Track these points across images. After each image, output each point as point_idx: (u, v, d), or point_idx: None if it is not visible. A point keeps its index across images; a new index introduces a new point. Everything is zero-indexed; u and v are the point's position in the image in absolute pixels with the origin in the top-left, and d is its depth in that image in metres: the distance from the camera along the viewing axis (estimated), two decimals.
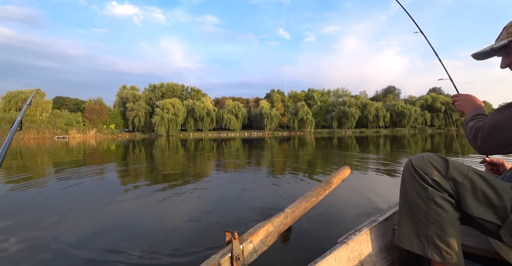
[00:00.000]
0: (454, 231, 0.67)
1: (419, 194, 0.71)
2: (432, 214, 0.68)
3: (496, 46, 0.74)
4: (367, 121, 55.39)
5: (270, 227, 0.63)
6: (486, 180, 0.65)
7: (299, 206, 0.76)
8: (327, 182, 1.01)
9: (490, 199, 0.64)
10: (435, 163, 0.70)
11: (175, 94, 56.51)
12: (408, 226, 0.74)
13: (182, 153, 7.94)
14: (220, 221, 1.77)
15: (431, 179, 0.69)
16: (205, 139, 23.20)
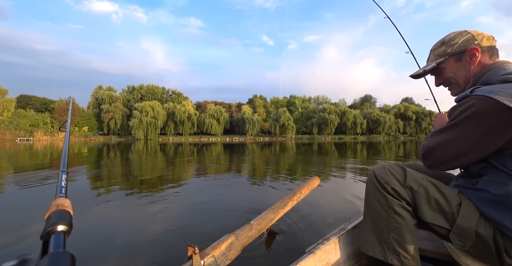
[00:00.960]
0: (411, 237, 0.72)
1: (380, 202, 0.76)
2: (391, 222, 0.73)
3: (427, 69, 0.85)
4: (346, 128, 57.62)
5: (234, 240, 0.61)
6: (437, 188, 0.71)
7: (265, 217, 0.75)
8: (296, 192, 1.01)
9: (441, 205, 0.69)
10: (394, 172, 0.75)
11: (155, 96, 54.85)
12: (371, 233, 0.78)
13: (161, 158, 7.64)
14: (186, 233, 1.66)
15: (391, 188, 0.74)
16: (185, 143, 22.63)
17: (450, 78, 0.84)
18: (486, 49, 0.78)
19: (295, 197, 0.98)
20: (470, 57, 0.78)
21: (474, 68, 0.79)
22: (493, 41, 0.80)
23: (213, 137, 50.92)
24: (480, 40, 0.78)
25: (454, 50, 0.81)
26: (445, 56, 0.82)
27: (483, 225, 0.65)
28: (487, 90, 0.62)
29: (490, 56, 0.78)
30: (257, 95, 67.65)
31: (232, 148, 13.72)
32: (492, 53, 0.78)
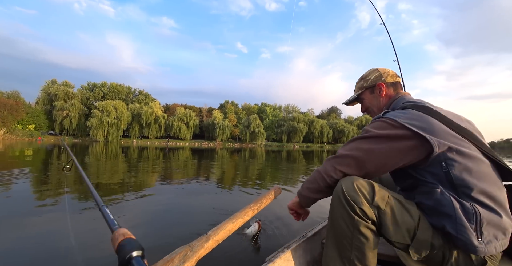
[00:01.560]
0: (372, 254, 0.74)
1: (345, 221, 0.74)
2: (355, 241, 0.73)
3: (351, 99, 1.07)
4: (313, 137, 60.35)
5: (188, 252, 0.58)
6: (402, 204, 0.73)
7: (224, 228, 0.72)
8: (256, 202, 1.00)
9: (405, 222, 0.71)
10: (363, 190, 0.73)
11: (120, 96, 51.31)
12: (334, 249, 0.78)
13: (122, 162, 7.08)
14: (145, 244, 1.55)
15: (359, 208, 0.71)
16: (150, 147, 21.37)
17: (368, 107, 1.03)
18: (390, 84, 0.97)
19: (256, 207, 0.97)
20: (379, 90, 0.97)
21: (383, 99, 0.98)
22: (396, 77, 0.99)
23: (181, 141, 49.07)
24: (386, 77, 0.98)
25: (368, 85, 1.00)
26: (363, 89, 1.02)
27: (437, 236, 0.70)
28: (393, 114, 0.77)
29: (394, 89, 0.97)
30: (229, 101, 67.57)
31: (201, 154, 13.35)
32: (396, 87, 0.98)
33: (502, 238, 0.65)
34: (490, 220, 0.65)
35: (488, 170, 0.69)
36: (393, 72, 1.00)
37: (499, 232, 0.65)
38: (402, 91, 0.98)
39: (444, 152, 0.69)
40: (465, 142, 0.70)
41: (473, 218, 0.64)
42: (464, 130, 0.72)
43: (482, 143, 0.72)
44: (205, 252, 0.64)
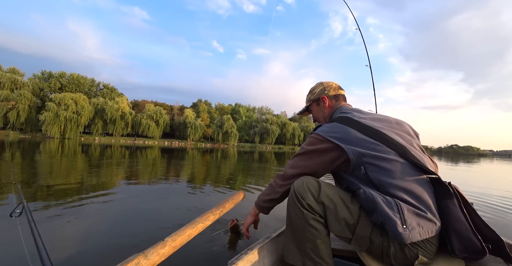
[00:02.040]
0: (324, 245, 0.82)
1: (297, 215, 0.84)
2: (307, 233, 0.82)
3: (301, 110, 1.23)
4: (285, 139, 61.74)
5: (142, 260, 0.55)
6: (344, 203, 0.83)
7: (182, 233, 0.72)
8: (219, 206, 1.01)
9: (346, 219, 0.80)
10: (311, 187, 0.84)
11: (81, 88, 46.92)
12: (292, 243, 0.86)
13: (81, 161, 6.47)
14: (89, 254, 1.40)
15: (306, 203, 0.82)
16: (115, 145, 19.86)
17: (316, 117, 1.18)
18: (332, 97, 1.10)
19: (218, 211, 0.97)
20: (323, 103, 1.11)
21: (326, 110, 1.11)
22: (338, 90, 1.11)
23: (150, 140, 46.54)
24: (328, 90, 1.10)
25: (314, 97, 1.14)
26: (310, 101, 1.16)
27: (376, 232, 0.79)
28: (320, 129, 0.92)
29: (335, 101, 1.10)
30: (202, 100, 66.08)
31: (171, 153, 12.82)
32: (337, 99, 1.10)
33: (425, 225, 0.73)
34: (411, 210, 0.74)
35: (403, 168, 0.79)
36: (335, 85, 1.13)
37: (421, 220, 0.73)
38: (344, 102, 1.10)
39: (360, 157, 0.81)
40: (380, 146, 0.81)
41: (396, 209, 0.73)
42: (381, 136, 0.83)
43: (399, 145, 0.82)
44: (161, 259, 0.62)
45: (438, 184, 0.81)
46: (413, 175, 0.79)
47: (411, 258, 0.75)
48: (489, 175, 8.19)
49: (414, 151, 0.83)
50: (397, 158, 0.80)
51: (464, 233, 0.73)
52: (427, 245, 0.76)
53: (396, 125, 0.91)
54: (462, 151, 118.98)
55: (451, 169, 9.90)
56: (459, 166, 12.17)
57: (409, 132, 0.92)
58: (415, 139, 0.91)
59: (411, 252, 0.75)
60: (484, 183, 5.92)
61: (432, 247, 0.77)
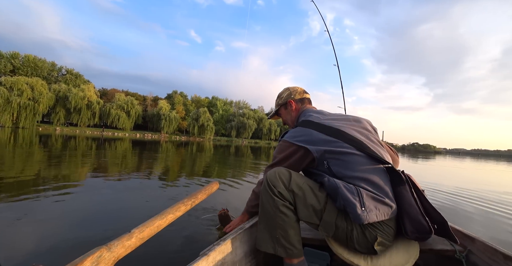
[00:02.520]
0: (294, 231, 0.88)
1: (269, 203, 0.88)
2: (278, 220, 0.86)
3: (271, 114, 1.32)
4: (262, 134, 62.38)
5: (105, 252, 0.52)
6: (313, 191, 0.89)
7: (151, 225, 0.70)
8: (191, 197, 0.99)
9: (313, 206, 0.86)
10: (282, 176, 0.89)
11: (39, 72, 42.30)
12: (264, 230, 0.91)
13: (39, 153, 5.88)
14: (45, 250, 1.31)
15: (277, 191, 0.87)
16: (80, 136, 18.38)
17: (285, 120, 1.26)
18: (298, 101, 1.20)
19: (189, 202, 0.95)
20: (290, 106, 1.20)
21: (293, 113, 1.19)
22: (303, 94, 1.20)
23: (120, 131, 43.83)
24: (294, 95, 1.20)
25: (282, 102, 1.22)
26: (279, 106, 1.25)
27: (341, 217, 0.86)
28: (287, 135, 1.02)
29: (301, 104, 1.19)
30: (177, 91, 63.72)
31: (143, 146, 12.23)
32: (303, 102, 1.20)
33: (381, 208, 0.82)
34: (369, 195, 0.82)
35: (361, 160, 0.88)
36: (301, 89, 1.22)
37: (378, 204, 0.82)
38: (308, 105, 1.20)
39: (323, 154, 0.90)
40: (339, 143, 0.90)
41: (356, 194, 0.81)
42: (340, 133, 0.93)
43: (356, 140, 0.92)
44: (127, 251, 0.59)
45: (393, 172, 0.90)
46: (370, 165, 0.88)
47: (371, 240, 0.83)
48: (441, 169, 9.12)
49: (371, 145, 0.93)
50: (355, 152, 0.89)
51: (414, 216, 0.83)
52: (385, 228, 0.84)
53: (354, 122, 1.01)
54: (422, 148, 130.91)
55: (413, 164, 10.85)
56: (418, 162, 13.38)
57: (367, 128, 1.02)
58: (372, 133, 1.02)
59: (371, 234, 0.83)
60: (437, 176, 6.60)
61: (389, 230, 0.85)
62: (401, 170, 0.92)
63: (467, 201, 3.32)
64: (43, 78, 41.02)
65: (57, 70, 46.97)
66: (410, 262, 0.84)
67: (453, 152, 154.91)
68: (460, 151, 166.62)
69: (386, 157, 0.93)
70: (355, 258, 0.87)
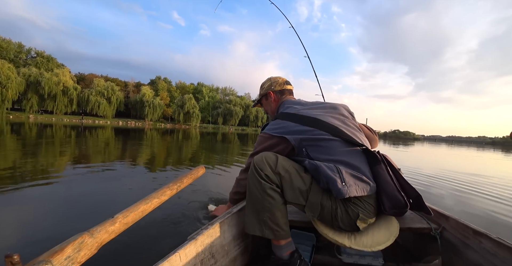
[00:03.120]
0: (280, 214, 0.89)
1: (256, 186, 0.90)
2: (265, 203, 0.88)
3: (254, 104, 1.35)
4: (249, 121, 62.28)
5: (87, 238, 0.50)
6: (299, 173, 0.91)
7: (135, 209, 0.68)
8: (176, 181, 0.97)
9: (299, 187, 0.89)
10: (269, 160, 0.91)
11: (4, 55, 38.87)
12: (251, 214, 0.92)
13: (12, 142, 5.52)
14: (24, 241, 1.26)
15: (264, 174, 0.89)
16: (57, 125, 17.41)
17: (266, 110, 1.30)
18: (278, 92, 1.22)
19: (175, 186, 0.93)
20: (270, 97, 1.23)
21: (273, 104, 1.23)
22: (284, 85, 1.23)
23: (100, 119, 42.04)
24: (274, 86, 1.22)
25: (263, 92, 1.26)
26: (261, 96, 1.28)
27: (326, 197, 0.88)
28: (267, 128, 1.07)
29: (281, 95, 1.22)
30: (161, 77, 61.40)
31: (126, 134, 11.84)
32: (282, 93, 1.22)
33: (360, 184, 0.86)
34: (348, 172, 0.87)
35: (337, 145, 0.93)
36: (282, 80, 1.24)
37: (357, 180, 0.86)
38: (289, 96, 1.23)
39: (301, 142, 0.96)
40: (315, 131, 0.95)
41: (335, 171, 0.85)
42: (316, 122, 0.98)
43: (331, 126, 0.97)
44: (110, 237, 0.57)
45: (369, 153, 0.95)
46: (346, 148, 0.93)
47: (354, 217, 0.87)
48: (419, 154, 9.65)
49: (347, 129, 0.98)
50: (331, 137, 0.94)
51: (391, 192, 0.87)
52: (366, 205, 0.89)
53: (331, 109, 1.06)
54: (402, 135, 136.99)
55: (394, 151, 11.37)
56: (399, 148, 14.02)
57: (343, 114, 1.07)
58: (349, 118, 1.07)
59: (353, 212, 0.87)
60: (415, 160, 6.99)
61: (370, 207, 0.89)
62: (377, 151, 0.97)
63: (441, 183, 3.56)
64: (9, 60, 37.73)
65: (25, 52, 43.32)
66: (390, 240, 0.89)
67: (431, 138, 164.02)
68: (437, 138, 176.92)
69: (361, 140, 0.99)
70: (339, 237, 0.91)
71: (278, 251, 0.92)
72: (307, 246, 1.14)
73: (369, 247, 0.88)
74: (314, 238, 1.20)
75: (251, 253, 1.09)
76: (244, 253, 1.03)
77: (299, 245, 1.13)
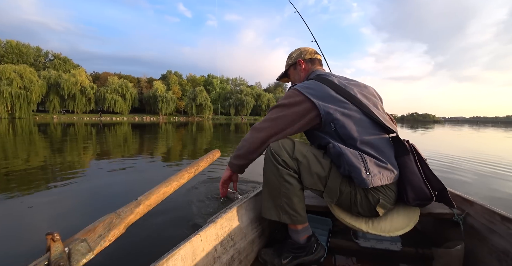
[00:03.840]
0: (298, 199, 0.88)
1: (273, 172, 0.89)
2: (282, 188, 0.87)
3: (281, 74, 1.24)
4: (261, 110, 61.86)
5: (115, 219, 0.55)
6: (317, 158, 0.88)
7: (157, 192, 0.71)
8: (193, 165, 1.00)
9: (318, 173, 0.87)
10: (286, 145, 0.89)
11: (25, 59, 40.60)
12: (268, 199, 0.92)
13: (41, 142, 5.92)
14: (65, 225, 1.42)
15: (281, 160, 0.87)
16: (79, 123, 18.31)
17: (293, 81, 1.21)
18: (308, 61, 1.14)
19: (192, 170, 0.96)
20: (299, 66, 1.14)
21: (302, 73, 1.15)
22: (314, 54, 1.15)
23: (117, 116, 43.57)
24: (305, 54, 1.14)
25: (292, 62, 1.17)
26: (288, 66, 1.20)
27: (345, 183, 0.87)
28: (298, 85, 0.95)
29: (311, 65, 1.14)
30: (172, 71, 61.85)
31: (143, 129, 12.25)
32: (313, 62, 1.14)
33: (384, 173, 0.83)
34: (373, 161, 0.83)
35: (368, 125, 0.88)
36: (312, 50, 1.17)
37: (381, 169, 0.83)
38: (319, 66, 1.14)
39: (330, 114, 0.87)
40: (349, 105, 0.88)
41: (360, 159, 0.82)
42: (351, 96, 0.90)
43: (364, 105, 0.90)
44: (136, 217, 0.62)
45: (397, 142, 0.91)
46: (376, 132, 0.88)
47: (374, 203, 0.86)
48: (438, 138, 9.24)
49: (377, 112, 0.92)
50: (363, 116, 0.88)
51: (417, 183, 0.85)
52: (387, 191, 0.87)
53: (364, 88, 1.00)
54: (421, 118, 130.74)
55: (412, 134, 10.96)
56: (417, 132, 13.48)
57: (374, 95, 1.01)
58: (378, 101, 1.01)
59: (373, 197, 0.86)
60: (436, 143, 6.71)
61: (391, 193, 0.88)
62: (406, 140, 0.92)
63: (464, 166, 3.43)
64: (30, 64, 39.53)
65: (43, 55, 45.03)
66: (409, 226, 0.87)
67: (452, 120, 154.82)
68: (459, 119, 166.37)
69: (392, 127, 0.92)
70: (357, 222, 0.90)
71: (295, 235, 0.93)
72: (324, 230, 1.16)
73: (387, 232, 0.86)
74: (330, 223, 1.21)
75: (268, 236, 1.14)
76: (261, 236, 1.07)
77: (315, 229, 1.16)
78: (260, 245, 1.06)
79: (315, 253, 0.94)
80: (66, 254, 0.42)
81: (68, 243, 0.45)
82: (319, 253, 0.94)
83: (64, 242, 0.44)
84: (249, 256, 0.97)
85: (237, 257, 0.89)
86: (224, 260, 0.82)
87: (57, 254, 0.41)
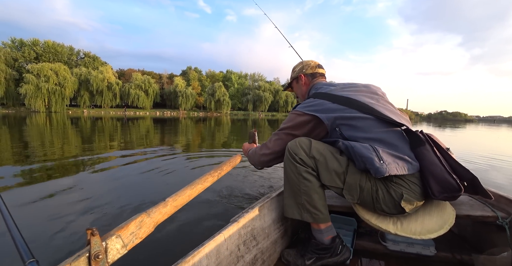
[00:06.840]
0: (318, 196, 0.88)
1: (292, 171, 0.90)
2: (302, 186, 0.88)
3: (285, 87, 1.33)
4: (278, 106, 61.47)
5: (145, 218, 0.59)
6: (334, 155, 0.88)
7: (183, 194, 0.75)
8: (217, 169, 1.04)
9: (335, 170, 0.86)
10: (303, 144, 0.90)
11: (60, 58, 43.55)
12: (290, 198, 0.93)
13: (73, 135, 6.36)
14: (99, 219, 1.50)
15: (299, 158, 0.89)
16: (105, 117, 19.45)
17: (296, 94, 1.28)
18: (309, 75, 1.18)
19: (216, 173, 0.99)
20: (301, 80, 1.20)
21: (303, 88, 1.20)
22: (316, 68, 1.19)
23: (140, 110, 45.58)
24: (306, 69, 1.19)
25: (294, 75, 1.23)
26: (292, 79, 1.26)
27: (364, 178, 0.84)
28: (299, 106, 1.01)
29: (312, 79, 1.18)
30: (192, 67, 63.22)
31: (164, 123, 12.72)
32: (314, 77, 1.18)
33: (400, 163, 0.79)
34: (385, 151, 0.80)
35: (373, 123, 0.87)
36: (314, 64, 1.20)
37: (396, 159, 0.79)
38: (320, 79, 1.18)
39: (334, 121, 0.91)
40: (349, 110, 0.90)
41: (371, 150, 0.79)
42: (349, 100, 0.93)
43: (365, 105, 0.91)
44: (164, 217, 0.65)
45: (410, 133, 0.87)
46: (382, 128, 0.87)
47: (398, 198, 0.80)
48: (473, 138, 8.56)
49: (381, 108, 0.92)
50: (364, 115, 0.88)
51: (439, 174, 0.78)
52: (410, 185, 0.81)
53: (363, 88, 1.02)
54: (450, 117, 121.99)
55: (438, 135, 10.28)
56: (445, 132, 12.60)
57: (376, 92, 1.02)
58: (382, 97, 1.01)
59: (396, 192, 0.81)
60: (468, 143, 6.23)
61: (415, 187, 0.81)
62: (420, 130, 0.88)
63: (506, 166, 3.15)
64: (64, 62, 42.33)
65: (75, 54, 48.03)
66: (444, 228, 0.80)
67: (488, 119, 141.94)
68: (496, 119, 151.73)
69: (399, 119, 0.90)
70: (383, 223, 0.85)
71: (318, 235, 0.92)
72: (348, 231, 1.13)
73: (418, 234, 0.79)
74: (355, 223, 1.17)
75: (291, 237, 1.12)
76: (284, 236, 1.06)
77: (339, 229, 1.13)
78: (283, 246, 1.05)
79: (340, 254, 0.91)
80: (103, 248, 0.47)
81: (105, 238, 0.49)
82: (345, 255, 0.92)
83: (102, 237, 0.48)
84: (272, 257, 0.96)
85: (260, 257, 0.89)
86: (247, 260, 0.82)
87: (96, 247, 0.45)
